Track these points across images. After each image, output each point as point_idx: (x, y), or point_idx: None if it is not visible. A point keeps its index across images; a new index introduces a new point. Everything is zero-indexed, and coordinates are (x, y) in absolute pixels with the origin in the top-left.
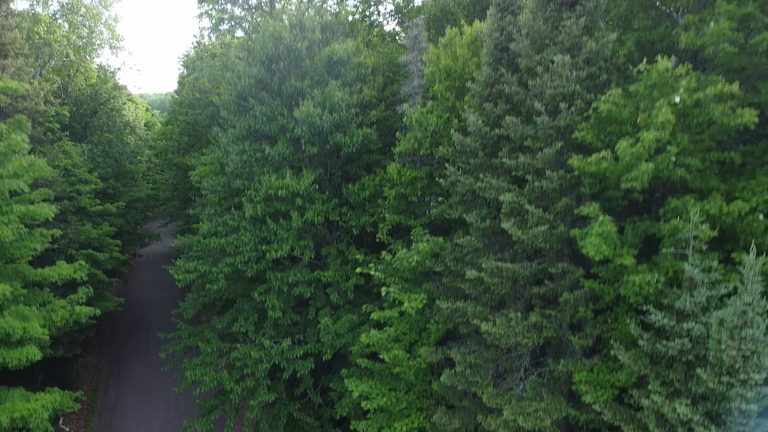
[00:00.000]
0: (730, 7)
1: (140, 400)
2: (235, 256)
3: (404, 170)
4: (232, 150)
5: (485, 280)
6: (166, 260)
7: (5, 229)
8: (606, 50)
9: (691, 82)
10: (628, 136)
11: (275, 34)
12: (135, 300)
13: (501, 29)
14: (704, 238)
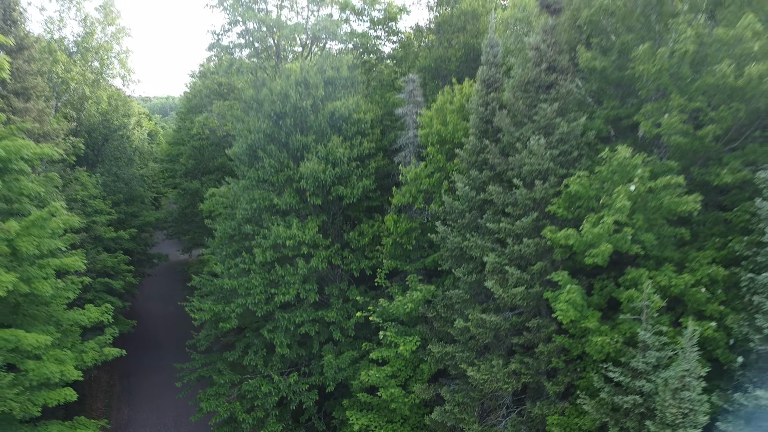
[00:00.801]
0: (682, 101)
1: (152, 417)
2: (246, 297)
3: (400, 221)
4: (243, 198)
5: (471, 330)
6: (171, 273)
7: (45, 284)
8: (577, 130)
9: (645, 172)
10: (593, 212)
11: (282, 92)
12: (142, 315)
13: (486, 104)
14: (655, 307)
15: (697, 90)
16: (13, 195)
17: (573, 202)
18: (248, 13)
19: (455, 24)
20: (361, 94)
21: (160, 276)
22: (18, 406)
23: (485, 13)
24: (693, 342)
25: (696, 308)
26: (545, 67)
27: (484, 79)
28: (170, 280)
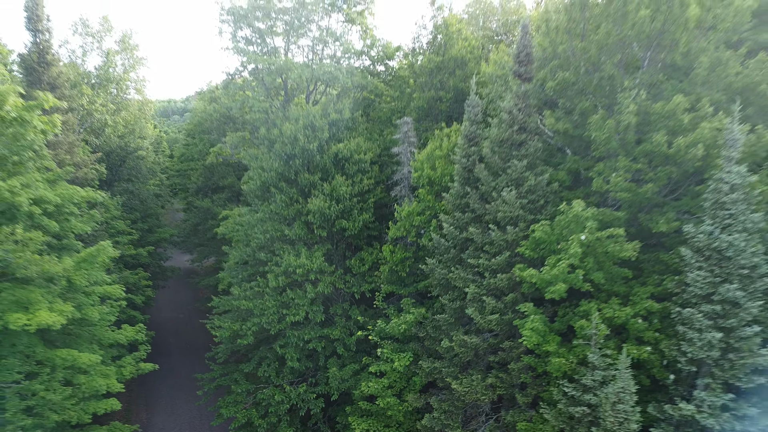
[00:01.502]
0: (627, 163)
1: (168, 420)
2: (261, 317)
3: (395, 251)
4: (257, 228)
5: (455, 349)
6: (180, 280)
7: (93, 311)
8: (543, 182)
9: (594, 223)
10: (554, 254)
11: (292, 136)
12: (154, 322)
13: (467, 156)
14: (601, 335)
15: (640, 153)
16: (64, 233)
17: (538, 245)
18: (259, 58)
19: (447, 67)
20: (361, 135)
21: (170, 284)
22: (75, 415)
23: (472, 59)
24: (627, 365)
25: (636, 335)
26: (517, 128)
27: (466, 135)
28: (179, 288)
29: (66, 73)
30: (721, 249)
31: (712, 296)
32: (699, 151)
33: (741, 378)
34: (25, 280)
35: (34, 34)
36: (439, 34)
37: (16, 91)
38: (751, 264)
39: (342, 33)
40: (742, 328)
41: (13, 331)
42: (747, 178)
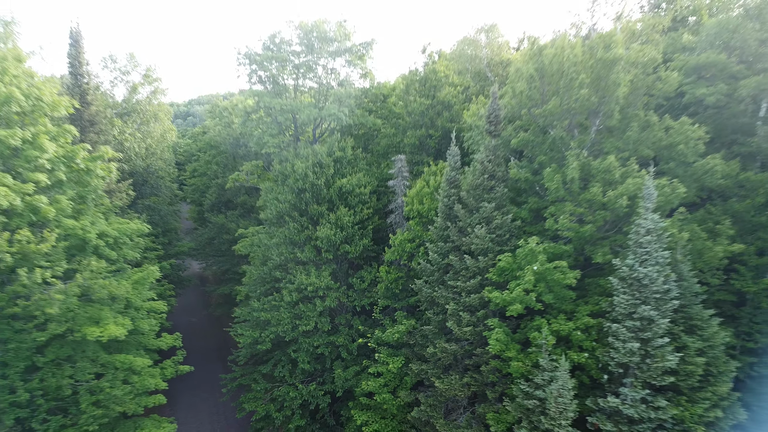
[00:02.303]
0: (572, 207)
1: (189, 415)
2: (277, 327)
3: (390, 271)
4: (273, 251)
5: (438, 354)
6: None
7: (143, 323)
8: (507, 221)
9: (544, 257)
10: (515, 279)
11: (303, 173)
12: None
13: (449, 196)
14: (550, 344)
15: (582, 200)
16: (119, 260)
17: (502, 272)
18: (273, 101)
19: (436, 109)
20: (361, 169)
21: (182, 288)
22: (132, 408)
23: (458, 103)
24: (566, 368)
25: (577, 343)
26: (487, 176)
27: (447, 179)
28: (190, 292)
29: (103, 112)
30: (639, 278)
31: (632, 314)
32: (624, 201)
33: (656, 377)
34: (96, 300)
35: (75, 77)
36: (428, 80)
37: (86, 147)
38: (662, 290)
39: (345, 77)
40: (656, 339)
41: (84, 341)
42: (659, 223)
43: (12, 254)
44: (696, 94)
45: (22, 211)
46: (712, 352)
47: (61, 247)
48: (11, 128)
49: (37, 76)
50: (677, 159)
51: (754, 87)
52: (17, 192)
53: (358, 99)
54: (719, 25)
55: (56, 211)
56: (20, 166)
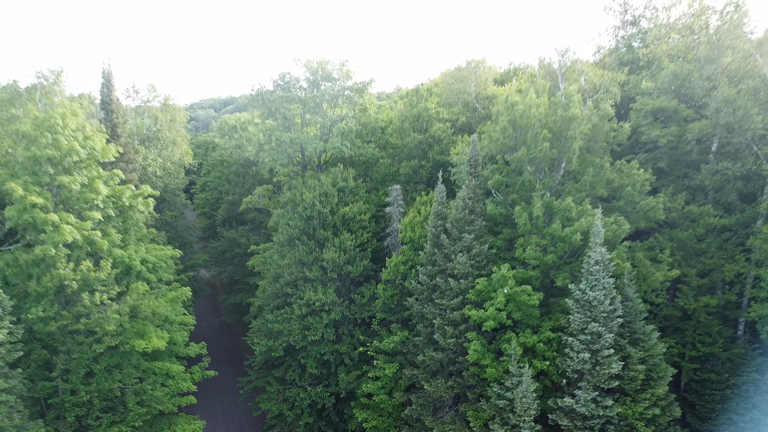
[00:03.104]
0: (537, 239)
1: (205, 414)
2: (288, 337)
3: (387, 288)
4: (285, 271)
5: (427, 361)
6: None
7: (177, 335)
8: (485, 249)
9: (513, 281)
10: (490, 299)
11: (311, 202)
12: None
13: (436, 227)
14: (518, 354)
15: (546, 233)
16: (155, 282)
17: (480, 293)
18: (284, 135)
19: (427, 142)
20: (362, 197)
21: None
22: (169, 408)
23: (447, 137)
24: (530, 374)
25: (541, 353)
26: (468, 212)
27: (435, 212)
28: (202, 299)
29: (132, 144)
30: (590, 300)
31: (584, 330)
32: (578, 236)
33: (603, 382)
34: (142, 317)
35: (107, 113)
36: (421, 117)
37: (131, 188)
38: (608, 310)
39: (346, 113)
40: (603, 350)
41: (131, 351)
42: (606, 255)
43: (76, 281)
44: (651, 135)
45: (82, 244)
46: (652, 360)
47: (113, 273)
48: (72, 175)
49: (89, 126)
50: (626, 199)
51: (698, 132)
52: (78, 229)
53: (359, 132)
54: (673, 74)
55: (108, 244)
56: (80, 206)
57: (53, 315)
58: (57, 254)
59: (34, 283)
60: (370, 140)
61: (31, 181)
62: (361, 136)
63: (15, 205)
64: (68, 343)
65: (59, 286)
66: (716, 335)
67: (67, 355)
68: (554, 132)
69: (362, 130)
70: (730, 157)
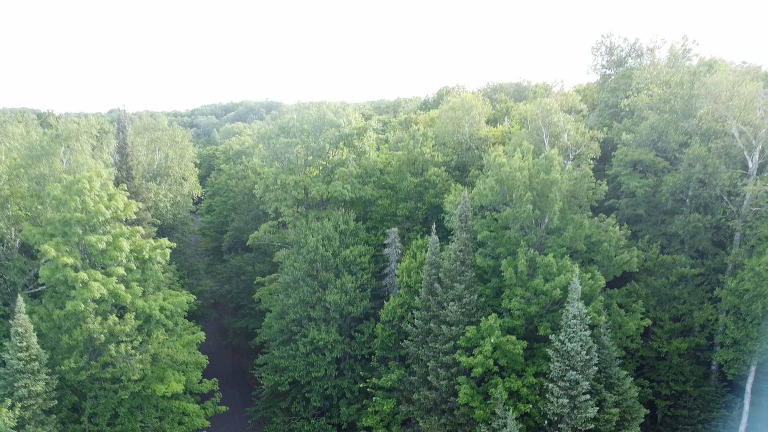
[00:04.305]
0: (522, 291)
1: None
2: (293, 372)
3: (385, 328)
4: (290, 310)
5: (421, 399)
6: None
7: (192, 375)
8: (474, 299)
9: (499, 331)
10: (478, 346)
11: (314, 246)
12: None
13: (430, 275)
14: (503, 398)
15: (530, 286)
16: (171, 326)
17: (469, 340)
18: (288, 178)
19: (423, 185)
20: (361, 240)
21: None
22: None
23: (441, 182)
24: (513, 416)
25: (525, 397)
26: (459, 263)
27: (429, 261)
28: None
29: (145, 185)
30: (568, 351)
31: (563, 377)
32: (558, 291)
33: (581, 424)
34: (162, 362)
35: (122, 157)
36: (417, 161)
37: (150, 242)
38: (584, 359)
39: (346, 157)
40: (580, 396)
41: (150, 394)
42: (582, 310)
43: (104, 334)
44: (630, 186)
45: (107, 298)
46: (626, 403)
47: (136, 325)
48: (98, 233)
49: (110, 184)
50: (603, 254)
51: (672, 185)
52: (105, 284)
53: (359, 174)
54: (650, 127)
55: (131, 296)
56: (106, 262)
57: (83, 365)
58: (86, 309)
59: (66, 336)
60: (368, 181)
61: (61, 242)
62: (361, 176)
63: (48, 264)
64: (95, 389)
65: (88, 338)
66: (689, 374)
67: (95, 399)
68: (537, 192)
69: (362, 173)
70: (702, 209)
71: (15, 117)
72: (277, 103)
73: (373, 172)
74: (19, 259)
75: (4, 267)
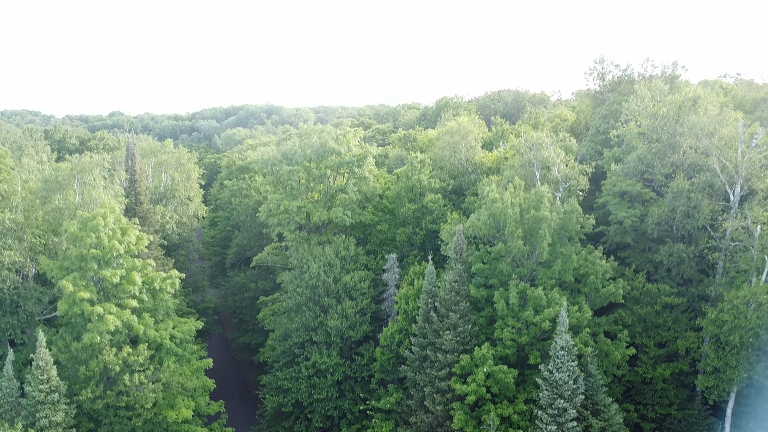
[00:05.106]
0: (513, 321)
1: None
2: (296, 394)
3: (384, 352)
4: (293, 334)
5: (418, 423)
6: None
7: (200, 400)
8: (468, 328)
9: (491, 362)
10: (472, 375)
11: (316, 272)
12: None
13: (427, 304)
14: (495, 424)
15: (521, 317)
16: (180, 353)
17: (464, 367)
18: (291, 204)
19: (420, 211)
20: (361, 265)
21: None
22: None
23: (438, 209)
24: None
25: (516, 423)
26: (454, 293)
27: (426, 290)
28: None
29: (153, 209)
30: (556, 380)
31: (552, 405)
32: (547, 323)
33: None
34: (173, 390)
35: (131, 183)
36: (415, 188)
37: (161, 275)
38: (572, 388)
39: (347, 183)
40: (568, 423)
41: (161, 420)
42: (570, 342)
43: (119, 365)
44: (618, 216)
45: (121, 329)
46: (612, 428)
47: (148, 354)
48: (113, 267)
49: (123, 218)
50: (590, 286)
51: (657, 216)
52: (119, 316)
53: (359, 201)
54: (638, 159)
55: (144, 327)
56: (119, 295)
57: (99, 394)
58: (102, 341)
59: (83, 368)
60: (367, 206)
61: (78, 276)
62: (361, 202)
63: (65, 299)
64: (110, 417)
65: (103, 368)
66: (673, 397)
67: (110, 426)
68: (528, 227)
69: (362, 198)
70: (687, 239)
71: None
72: (278, 108)
73: (372, 197)
74: (36, 289)
75: (22, 297)
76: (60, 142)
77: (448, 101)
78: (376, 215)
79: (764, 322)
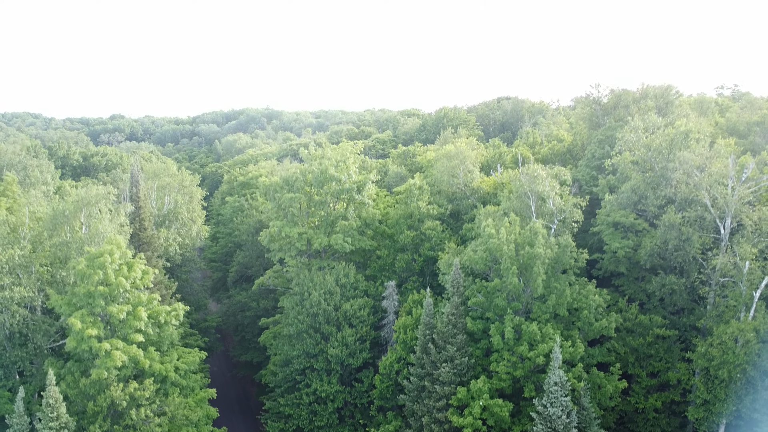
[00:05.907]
0: (508, 355)
1: None
2: (297, 420)
3: (383, 380)
4: (294, 361)
5: None
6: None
7: (204, 428)
8: (465, 360)
9: (487, 396)
10: (468, 407)
11: (317, 300)
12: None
13: (425, 336)
14: None
15: (516, 351)
16: (185, 384)
17: (460, 400)
18: (292, 230)
19: (419, 238)
20: (360, 291)
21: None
22: None
23: (436, 235)
24: None
25: None
26: (451, 326)
27: (424, 322)
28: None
29: (157, 234)
30: (549, 414)
31: None
32: (541, 358)
33: None
34: (178, 423)
35: (135, 209)
36: (413, 215)
37: (167, 309)
38: (565, 423)
39: (347, 210)
40: None
41: None
42: (563, 377)
43: (126, 400)
44: (612, 247)
45: (128, 364)
46: None
47: (154, 388)
48: (119, 303)
49: (129, 252)
50: (583, 321)
51: (650, 248)
52: (125, 352)
53: (359, 227)
54: (631, 190)
55: (149, 361)
56: (126, 330)
57: (107, 429)
58: (109, 377)
59: (91, 403)
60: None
61: (86, 313)
62: (360, 228)
63: (74, 335)
64: None
65: (111, 403)
66: (665, 425)
67: None
68: (523, 263)
69: (362, 224)
70: (678, 271)
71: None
72: (278, 112)
73: (371, 222)
74: (44, 321)
75: (31, 330)
76: (63, 158)
77: (447, 111)
78: (375, 240)
79: (751, 358)
